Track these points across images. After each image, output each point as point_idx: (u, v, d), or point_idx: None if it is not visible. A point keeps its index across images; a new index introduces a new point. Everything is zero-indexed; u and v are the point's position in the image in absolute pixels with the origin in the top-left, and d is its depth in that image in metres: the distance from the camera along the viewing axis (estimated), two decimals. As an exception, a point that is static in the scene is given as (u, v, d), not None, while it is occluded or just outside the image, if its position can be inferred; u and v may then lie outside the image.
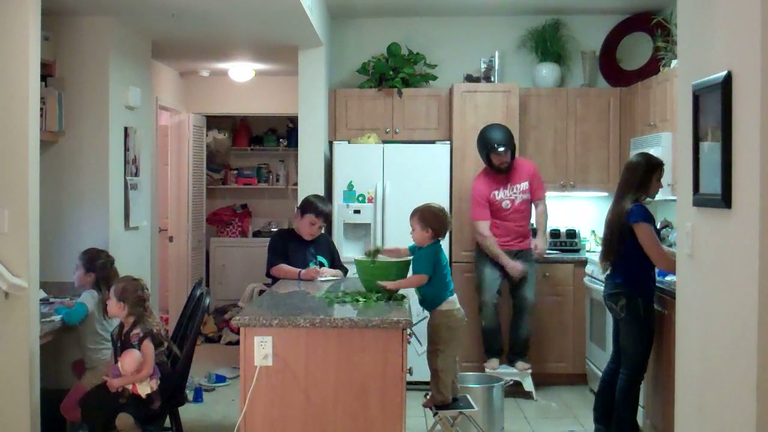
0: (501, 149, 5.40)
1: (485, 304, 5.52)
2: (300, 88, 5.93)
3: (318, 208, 4.83)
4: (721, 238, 2.71)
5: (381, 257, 4.04)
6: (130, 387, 3.64)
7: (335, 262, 4.95)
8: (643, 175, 4.26)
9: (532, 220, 5.70)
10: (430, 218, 3.87)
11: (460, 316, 3.93)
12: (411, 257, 3.97)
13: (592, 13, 6.33)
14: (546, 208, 5.66)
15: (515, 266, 5.43)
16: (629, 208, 4.18)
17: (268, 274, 4.79)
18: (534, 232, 5.70)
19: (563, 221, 6.15)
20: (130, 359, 3.64)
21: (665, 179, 4.41)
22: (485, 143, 5.49)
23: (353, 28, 6.50)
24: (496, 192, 5.52)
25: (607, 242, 4.36)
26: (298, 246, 4.84)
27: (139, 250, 5.36)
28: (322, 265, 4.82)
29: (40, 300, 3.95)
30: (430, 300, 3.91)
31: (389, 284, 3.82)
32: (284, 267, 4.69)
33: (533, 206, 5.65)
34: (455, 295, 3.95)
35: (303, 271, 4.63)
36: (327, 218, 4.95)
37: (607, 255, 4.34)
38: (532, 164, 5.70)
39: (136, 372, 3.63)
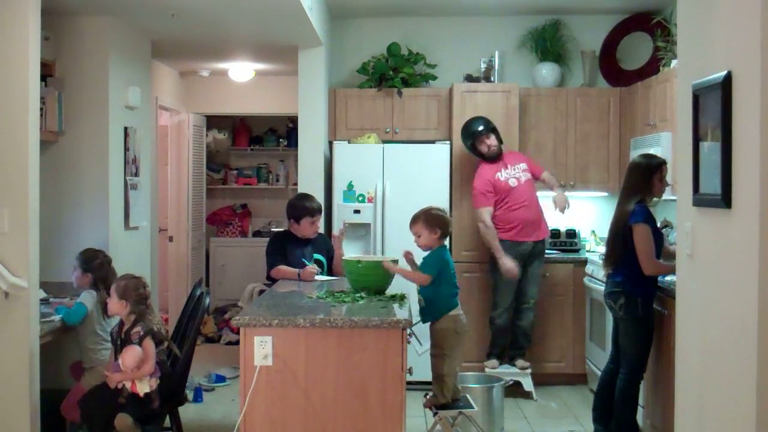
0: (481, 128, 5.53)
1: (501, 305, 5.51)
2: (300, 88, 5.93)
3: (309, 208, 4.88)
4: (721, 238, 2.70)
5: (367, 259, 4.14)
6: (129, 386, 3.64)
7: (333, 260, 4.96)
8: (644, 176, 4.27)
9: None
10: (434, 219, 3.91)
11: (465, 321, 3.95)
12: (395, 257, 4.05)
13: (592, 13, 6.33)
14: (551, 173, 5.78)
15: (509, 268, 5.36)
16: (631, 208, 4.20)
17: (268, 277, 4.81)
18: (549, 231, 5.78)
19: (563, 221, 6.14)
20: (130, 354, 3.63)
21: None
22: (467, 134, 5.63)
23: (353, 28, 6.50)
24: (500, 174, 5.54)
25: (609, 244, 4.36)
26: (296, 247, 4.86)
27: (139, 250, 5.36)
28: (320, 263, 4.84)
29: (40, 300, 3.94)
30: (438, 305, 3.86)
31: (394, 267, 3.92)
32: (283, 268, 4.71)
33: (541, 178, 5.70)
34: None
35: (301, 271, 4.65)
36: (320, 211, 5.01)
37: (610, 257, 4.34)
38: (521, 153, 5.83)
39: (136, 368, 3.63)
